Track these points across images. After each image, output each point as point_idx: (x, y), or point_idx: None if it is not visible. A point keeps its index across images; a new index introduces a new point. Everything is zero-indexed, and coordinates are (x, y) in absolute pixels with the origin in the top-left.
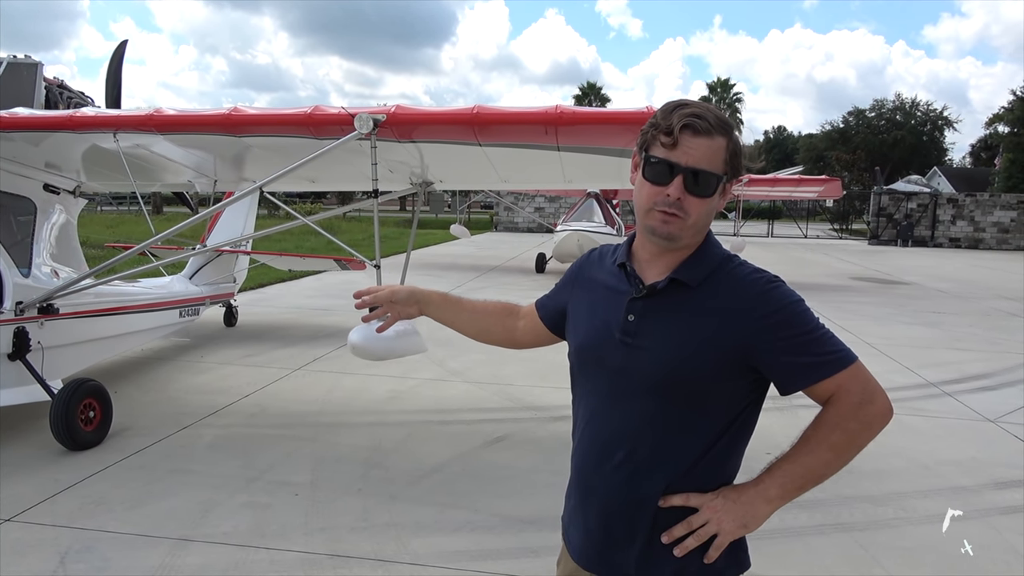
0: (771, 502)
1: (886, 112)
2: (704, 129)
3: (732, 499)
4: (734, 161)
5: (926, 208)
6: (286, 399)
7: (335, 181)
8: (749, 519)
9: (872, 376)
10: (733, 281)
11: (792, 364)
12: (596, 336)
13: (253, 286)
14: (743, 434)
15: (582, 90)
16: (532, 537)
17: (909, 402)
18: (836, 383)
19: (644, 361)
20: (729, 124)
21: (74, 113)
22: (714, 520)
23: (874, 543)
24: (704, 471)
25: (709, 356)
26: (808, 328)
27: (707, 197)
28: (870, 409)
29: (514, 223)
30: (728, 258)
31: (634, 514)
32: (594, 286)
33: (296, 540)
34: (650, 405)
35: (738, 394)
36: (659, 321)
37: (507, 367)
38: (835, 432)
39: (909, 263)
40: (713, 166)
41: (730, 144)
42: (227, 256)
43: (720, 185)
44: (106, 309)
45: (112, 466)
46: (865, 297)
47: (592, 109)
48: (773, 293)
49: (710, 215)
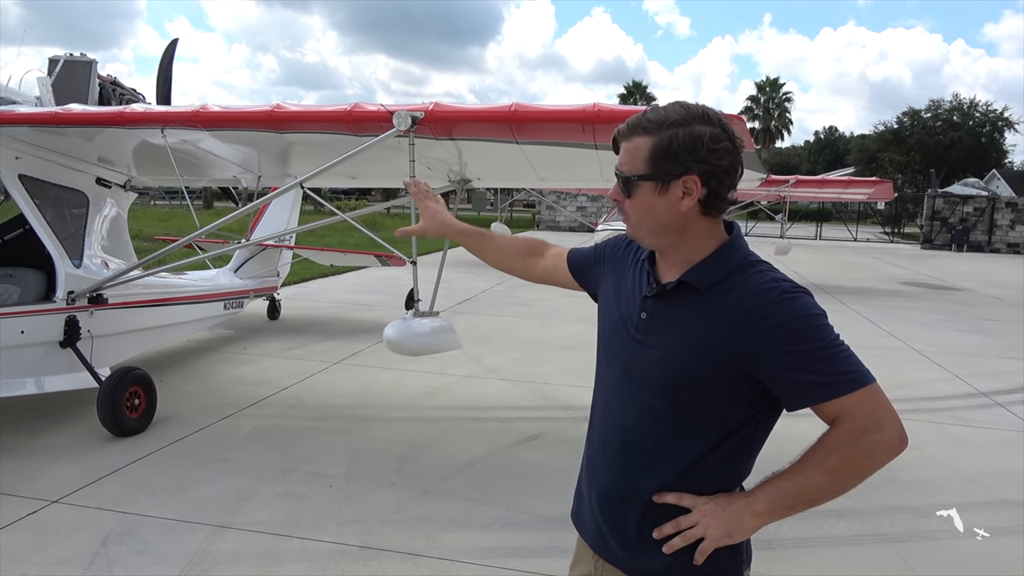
0: (758, 516)
1: (943, 113)
2: (623, 134)
3: (723, 506)
4: (664, 157)
5: (983, 212)
6: (324, 392)
7: (375, 178)
8: (734, 529)
9: (886, 402)
10: (746, 287)
11: (796, 380)
12: (614, 329)
13: (296, 280)
14: (750, 443)
15: (627, 89)
16: (562, 536)
17: (957, 411)
18: (841, 406)
19: (649, 360)
20: (655, 122)
21: (124, 109)
22: (702, 524)
23: (914, 555)
24: (701, 474)
25: (711, 361)
26: (820, 344)
27: (631, 198)
28: (874, 437)
29: (556, 222)
30: (750, 263)
31: (627, 504)
32: (621, 277)
33: (329, 531)
34: (652, 403)
35: (741, 404)
36: (667, 322)
37: (543, 365)
38: (833, 456)
39: (963, 269)
40: (631, 168)
41: (657, 141)
42: (271, 250)
43: (644, 184)
44: (153, 300)
45: (155, 452)
46: (915, 303)
47: (630, 107)
48: (787, 304)
49: (655, 214)
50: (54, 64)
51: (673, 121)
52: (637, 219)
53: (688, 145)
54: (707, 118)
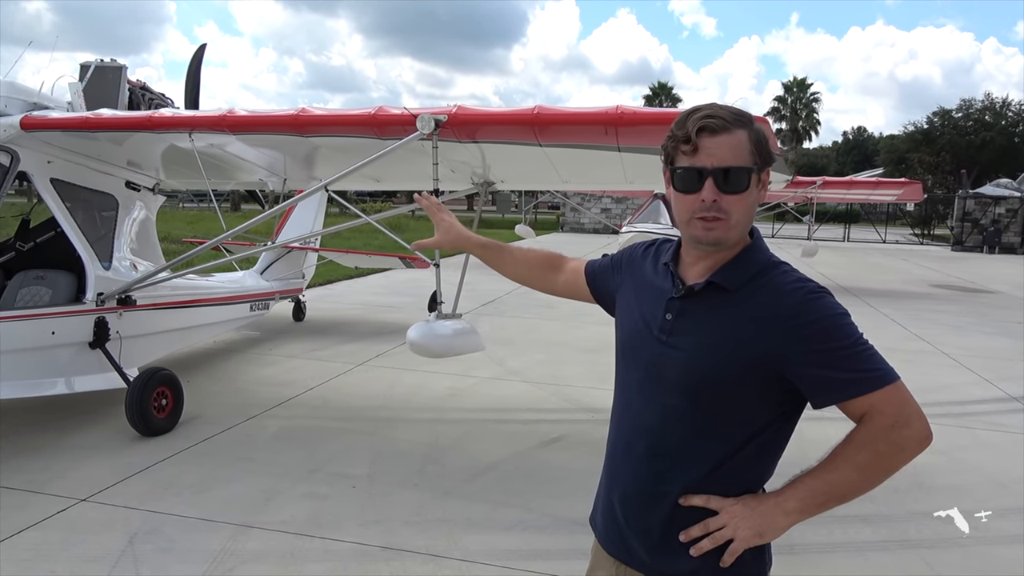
0: (789, 515)
1: (974, 112)
2: (720, 127)
3: (751, 507)
4: (760, 150)
5: (1016, 213)
6: (348, 393)
7: (399, 180)
8: (765, 529)
9: (912, 399)
10: (773, 288)
11: (824, 378)
12: (636, 331)
13: (321, 282)
14: (774, 444)
15: (653, 90)
16: (584, 539)
17: (987, 416)
18: (869, 402)
19: (676, 360)
20: (745, 116)
21: (153, 114)
22: (731, 525)
23: (941, 562)
24: (727, 475)
25: (739, 361)
26: (847, 343)
27: (742, 192)
28: (903, 433)
29: (580, 224)
30: (773, 264)
31: (652, 507)
32: (642, 281)
33: (351, 531)
34: (678, 403)
35: (768, 403)
36: (694, 322)
37: (566, 368)
38: (862, 452)
39: (995, 271)
40: (740, 160)
41: (751, 134)
42: (297, 253)
43: (752, 177)
44: (180, 302)
45: (182, 452)
46: (945, 305)
47: (652, 109)
48: (813, 303)
49: (751, 210)
50: (85, 70)
51: (748, 116)
52: (739, 215)
53: (765, 138)
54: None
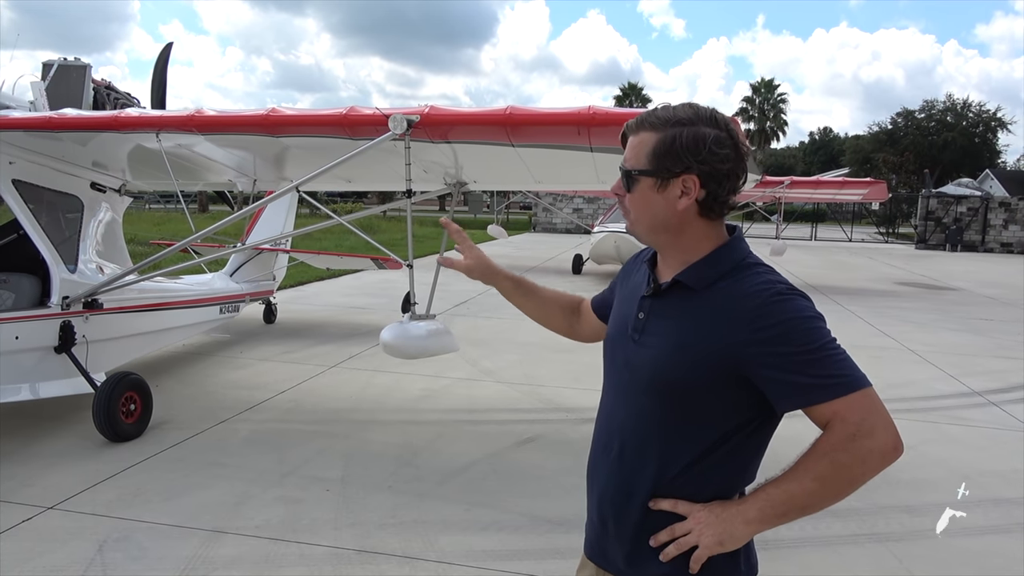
0: (749, 524)
1: (936, 113)
2: (630, 129)
3: (716, 514)
4: (667, 154)
5: (977, 212)
6: (321, 396)
7: (371, 181)
8: (726, 537)
9: (880, 408)
10: (738, 288)
11: (785, 382)
12: (616, 331)
13: (292, 284)
14: (748, 447)
15: (623, 91)
16: (559, 538)
17: (952, 411)
18: (832, 410)
19: (645, 359)
20: (663, 120)
21: (119, 114)
22: (696, 531)
23: (909, 554)
24: (696, 479)
25: (702, 362)
26: (812, 347)
27: (631, 193)
28: (865, 444)
29: (552, 224)
30: (746, 265)
31: (623, 509)
32: (627, 285)
33: (326, 535)
34: (647, 404)
35: (738, 405)
36: (662, 322)
37: (540, 368)
38: (822, 462)
39: (957, 268)
40: (635, 163)
41: (663, 138)
42: (267, 254)
43: (644, 180)
44: (148, 305)
45: (151, 458)
46: (910, 303)
47: (625, 110)
48: (778, 305)
49: (653, 211)
50: (48, 69)
51: (680, 120)
52: (636, 214)
53: (691, 145)
54: (715, 121)
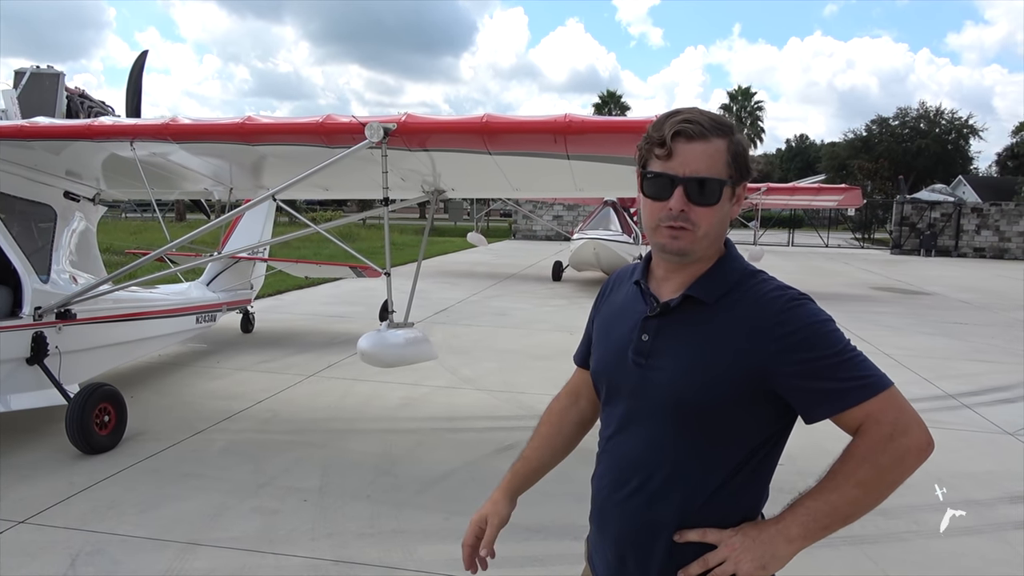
0: (792, 542)
1: (910, 120)
2: (698, 133)
3: (752, 537)
4: (738, 162)
5: (950, 217)
6: (299, 405)
7: (348, 189)
8: (768, 559)
9: (908, 405)
10: (753, 298)
11: (815, 390)
12: (610, 359)
13: (270, 293)
14: (768, 465)
15: (602, 99)
16: (537, 546)
17: (926, 413)
18: (865, 412)
19: (658, 383)
20: (726, 125)
21: (92, 122)
22: (732, 559)
23: (885, 557)
24: (723, 504)
25: (725, 379)
26: (835, 350)
27: (713, 205)
28: (903, 442)
29: (532, 231)
30: (751, 273)
31: (647, 546)
32: (612, 308)
33: (303, 546)
34: (665, 431)
35: (760, 422)
36: (674, 341)
37: (520, 375)
38: (863, 467)
39: (932, 273)
40: (714, 171)
41: (731, 145)
42: (244, 263)
43: (725, 190)
44: (123, 315)
45: (125, 470)
46: (885, 307)
47: (600, 118)
48: (796, 311)
49: (723, 224)
50: (20, 76)
51: (727, 124)
52: (707, 227)
53: (746, 151)
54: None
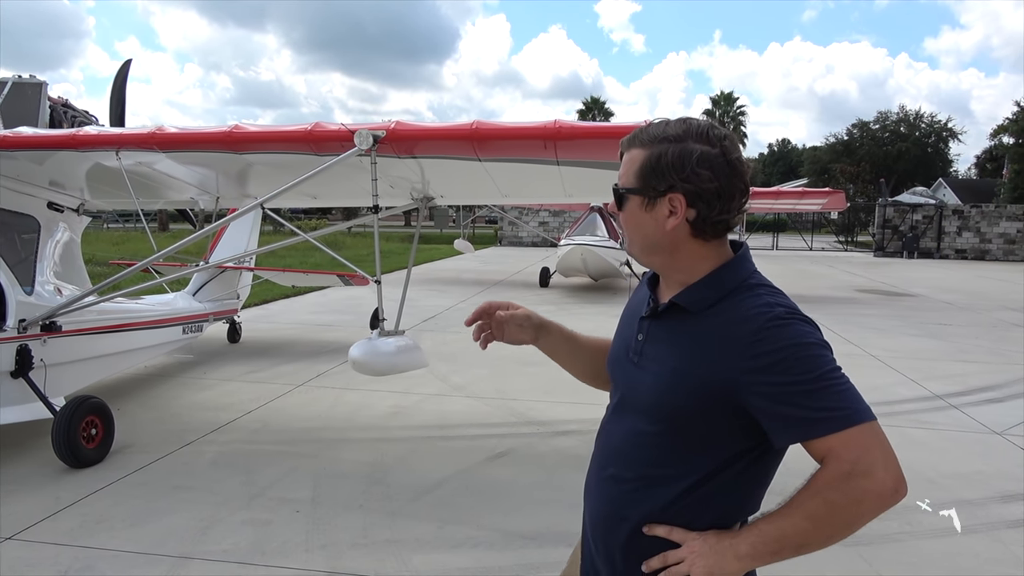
0: (740, 559)
1: (890, 124)
2: (624, 146)
3: (710, 545)
4: (647, 171)
5: (931, 220)
6: (289, 415)
7: (337, 197)
8: (717, 570)
9: (882, 445)
10: (737, 311)
11: (782, 415)
12: (617, 352)
13: (257, 302)
14: (749, 477)
15: (586, 105)
16: (533, 553)
17: (914, 415)
18: (827, 446)
19: (643, 383)
20: (656, 136)
21: (77, 132)
22: (688, 560)
23: (878, 558)
24: (693, 507)
25: (697, 388)
26: (811, 377)
27: (623, 211)
28: (861, 483)
29: (518, 237)
30: (747, 286)
31: (614, 531)
32: (631, 304)
33: (296, 557)
34: (642, 427)
35: (735, 434)
36: (659, 345)
37: (510, 382)
38: (815, 500)
39: (915, 275)
40: (624, 181)
41: (649, 155)
42: (231, 272)
43: (633, 199)
44: (109, 326)
45: (114, 483)
46: (870, 309)
47: (590, 124)
48: (777, 331)
49: (643, 230)
50: (1, 86)
51: (669, 136)
52: (628, 234)
53: (676, 162)
54: (707, 137)
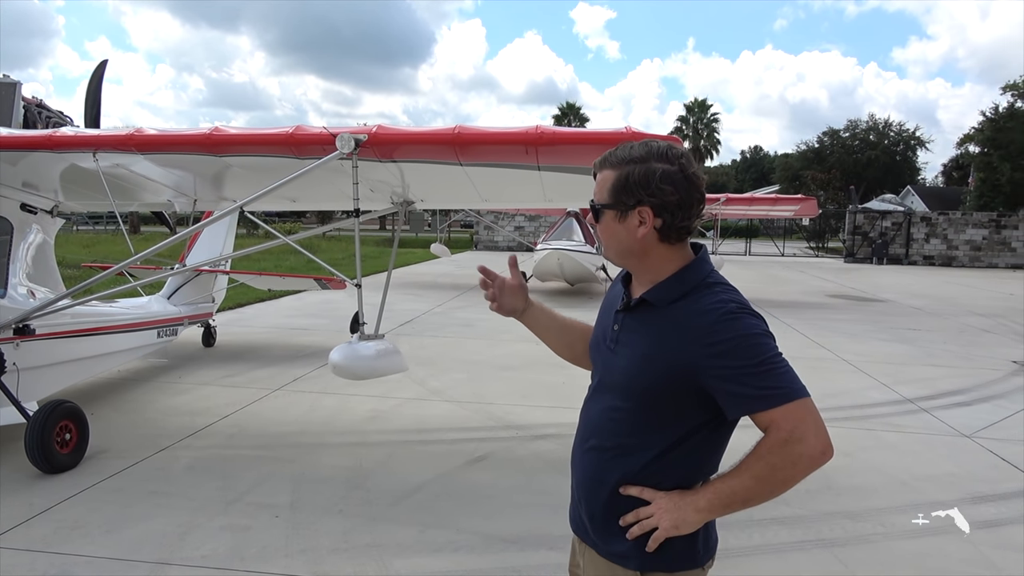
0: (699, 512)
1: (860, 132)
2: (596, 167)
3: (675, 501)
4: (618, 189)
5: (900, 226)
6: (266, 420)
7: (316, 200)
8: (680, 522)
9: (812, 417)
10: (695, 307)
11: (733, 392)
12: (597, 339)
13: (232, 306)
14: (709, 443)
15: (561, 110)
16: (514, 557)
17: (886, 418)
18: (770, 418)
19: (618, 367)
20: (623, 158)
21: (53, 133)
22: (656, 516)
23: (853, 559)
24: (660, 470)
25: (664, 372)
26: (755, 362)
27: (599, 224)
28: (796, 448)
29: (494, 242)
30: (706, 284)
31: (596, 493)
32: (608, 297)
33: (276, 562)
34: (617, 404)
35: (696, 410)
36: (631, 334)
37: (488, 386)
38: (760, 463)
39: (884, 280)
40: (599, 198)
41: (619, 175)
42: (206, 276)
43: (608, 213)
44: (83, 330)
45: (88, 489)
46: (841, 314)
47: (572, 130)
48: (728, 323)
49: (617, 239)
50: None
51: (634, 158)
52: (605, 242)
53: (642, 180)
54: (666, 157)
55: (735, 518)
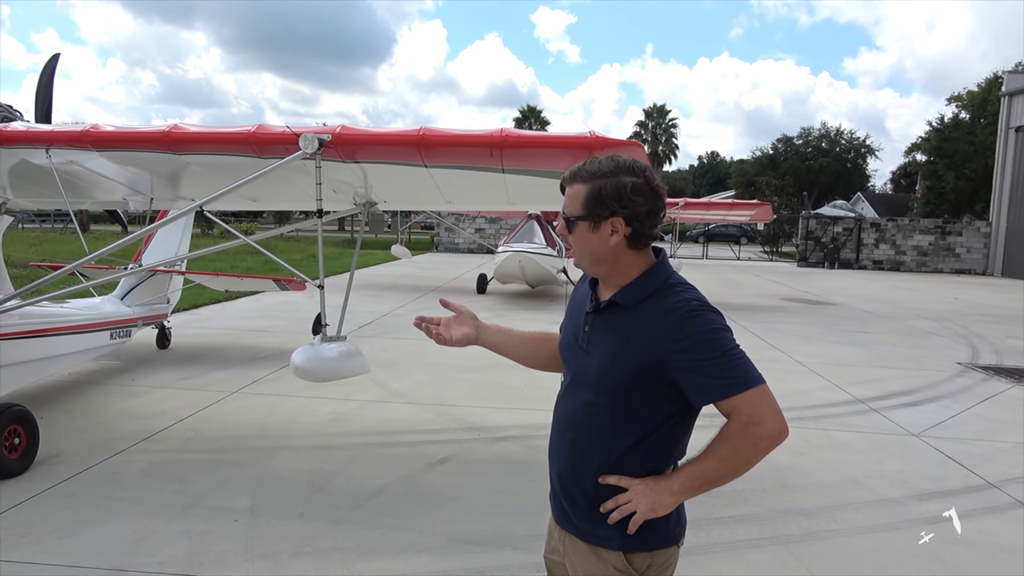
0: (674, 494)
1: (812, 140)
2: (566, 180)
3: (650, 486)
4: (591, 202)
5: (851, 232)
6: (223, 423)
7: (277, 200)
8: (657, 505)
9: (769, 402)
10: (660, 306)
11: (697, 383)
12: (567, 339)
13: (187, 307)
14: (677, 431)
15: (523, 113)
16: (478, 558)
17: (838, 418)
18: (732, 404)
19: (591, 365)
20: (593, 173)
21: (4, 127)
22: (634, 501)
23: (808, 555)
24: (636, 460)
25: (634, 367)
26: (715, 354)
27: (573, 234)
28: (755, 430)
29: (455, 244)
30: (668, 285)
31: (578, 482)
32: (574, 302)
33: (236, 567)
34: (592, 399)
35: (664, 401)
36: (601, 334)
37: (450, 387)
38: (725, 446)
39: (836, 284)
40: (572, 210)
41: (591, 189)
42: (161, 276)
43: (581, 223)
44: (33, 331)
45: (39, 495)
46: (795, 317)
47: (536, 133)
48: (689, 320)
49: (591, 248)
50: None
51: (604, 172)
52: (578, 251)
53: (614, 193)
54: (632, 170)
55: (693, 516)
